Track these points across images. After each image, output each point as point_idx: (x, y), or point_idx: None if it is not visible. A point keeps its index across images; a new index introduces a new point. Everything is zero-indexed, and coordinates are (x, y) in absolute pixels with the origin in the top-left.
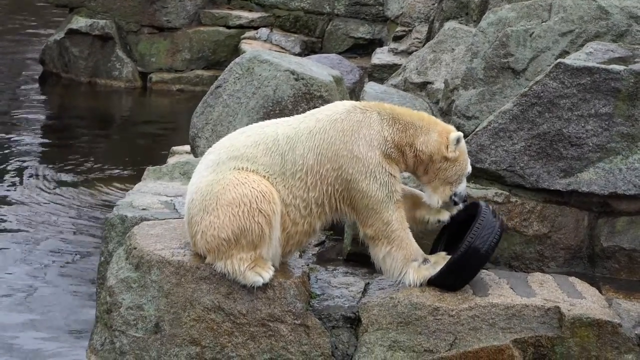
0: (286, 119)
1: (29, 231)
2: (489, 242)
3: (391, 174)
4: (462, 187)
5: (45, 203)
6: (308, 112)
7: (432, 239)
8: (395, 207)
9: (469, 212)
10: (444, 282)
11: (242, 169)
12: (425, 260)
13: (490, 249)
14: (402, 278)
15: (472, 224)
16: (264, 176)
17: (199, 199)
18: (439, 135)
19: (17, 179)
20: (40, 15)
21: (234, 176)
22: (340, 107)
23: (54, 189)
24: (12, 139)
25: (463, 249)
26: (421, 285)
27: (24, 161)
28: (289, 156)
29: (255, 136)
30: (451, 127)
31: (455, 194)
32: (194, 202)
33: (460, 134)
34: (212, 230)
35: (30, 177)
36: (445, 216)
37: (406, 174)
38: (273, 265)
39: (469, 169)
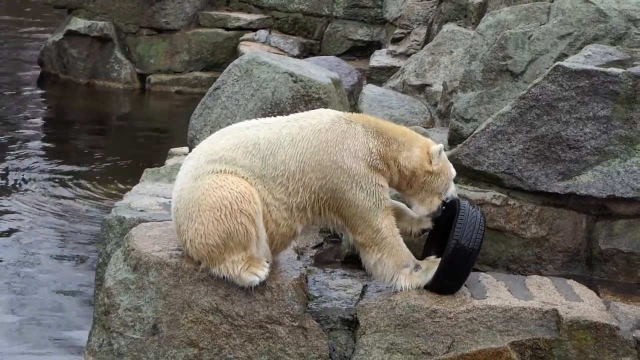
0: (268, 120)
1: (27, 232)
2: (474, 238)
3: (378, 184)
4: (452, 190)
5: (43, 204)
6: (291, 116)
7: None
8: (384, 215)
9: (452, 211)
10: (439, 287)
11: (221, 171)
12: (417, 267)
13: (476, 244)
14: (394, 284)
15: (453, 223)
16: (244, 177)
17: (183, 207)
18: (421, 150)
19: (14, 180)
20: (38, 16)
21: (212, 180)
22: (325, 117)
23: (52, 190)
24: (10, 140)
25: (449, 252)
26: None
27: (22, 162)
28: (269, 160)
29: (235, 139)
30: (431, 142)
31: (447, 199)
32: (179, 211)
33: (441, 146)
34: (200, 238)
35: (28, 178)
36: (427, 224)
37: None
38: (267, 262)
39: (454, 172)
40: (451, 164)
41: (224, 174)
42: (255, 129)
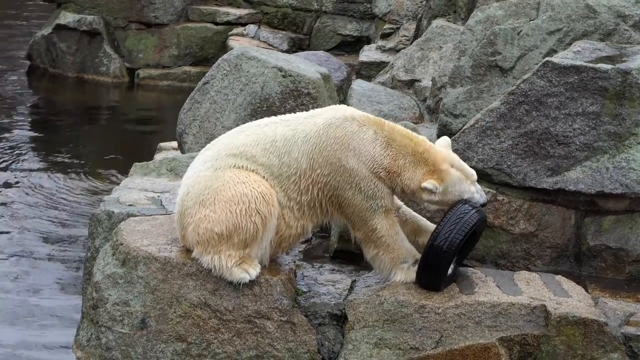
0: (286, 117)
1: (15, 226)
2: (450, 238)
3: (378, 189)
4: (474, 198)
5: (32, 198)
6: (309, 112)
7: None
8: (382, 216)
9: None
10: (420, 281)
11: (242, 167)
12: (416, 262)
13: (452, 245)
14: (392, 278)
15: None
16: (264, 177)
17: (196, 193)
18: (422, 177)
19: (2, 174)
20: (27, 10)
21: (234, 174)
22: (339, 113)
23: (40, 184)
24: None
25: (425, 249)
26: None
27: (10, 157)
28: (285, 159)
29: (254, 135)
30: (440, 167)
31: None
32: (190, 195)
33: (427, 185)
34: (206, 224)
35: (16, 172)
36: None
37: None
38: (260, 263)
39: (470, 187)
40: (464, 181)
41: (246, 170)
42: (274, 126)
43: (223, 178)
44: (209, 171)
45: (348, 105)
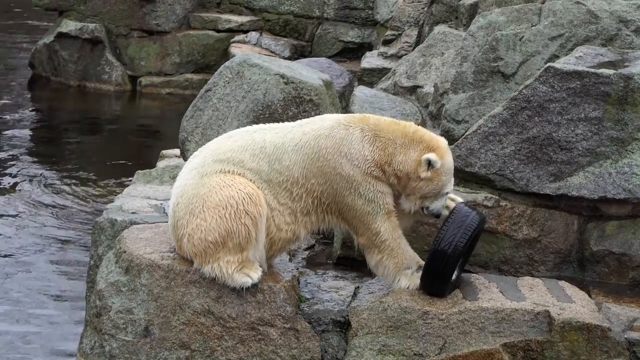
0: (274, 125)
1: (18, 235)
2: (455, 243)
3: (376, 189)
4: (437, 205)
5: (35, 206)
6: (297, 122)
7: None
8: (384, 218)
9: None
10: (425, 287)
11: (229, 172)
12: (419, 268)
13: (456, 249)
14: (395, 285)
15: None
16: (251, 180)
17: (185, 202)
18: (419, 154)
19: (5, 183)
20: (29, 18)
21: (220, 178)
22: (326, 122)
23: (43, 192)
24: (0, 143)
25: (430, 254)
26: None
27: (13, 165)
28: (275, 165)
29: (242, 141)
30: (438, 145)
31: (427, 208)
32: (179, 205)
33: (431, 157)
34: (199, 234)
35: (18, 180)
36: (444, 212)
37: None
38: (260, 267)
39: (448, 189)
40: (451, 179)
41: (232, 174)
42: (262, 133)
43: (209, 184)
44: (196, 179)
45: (350, 112)
